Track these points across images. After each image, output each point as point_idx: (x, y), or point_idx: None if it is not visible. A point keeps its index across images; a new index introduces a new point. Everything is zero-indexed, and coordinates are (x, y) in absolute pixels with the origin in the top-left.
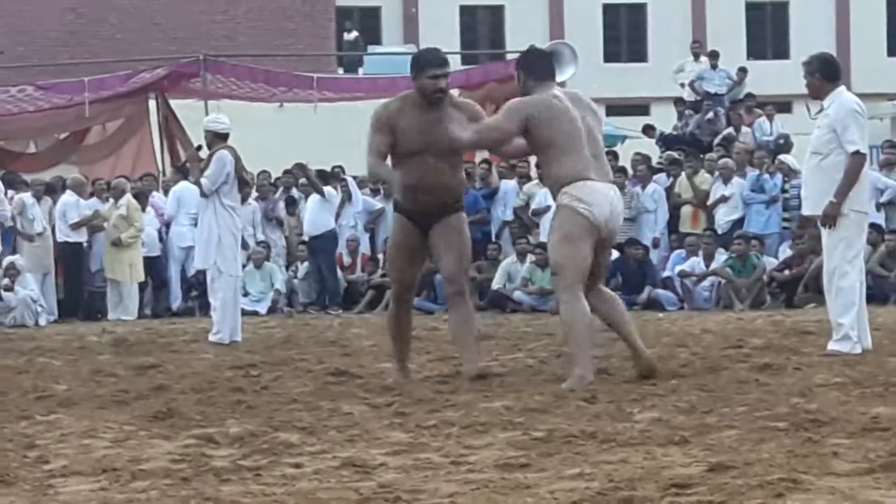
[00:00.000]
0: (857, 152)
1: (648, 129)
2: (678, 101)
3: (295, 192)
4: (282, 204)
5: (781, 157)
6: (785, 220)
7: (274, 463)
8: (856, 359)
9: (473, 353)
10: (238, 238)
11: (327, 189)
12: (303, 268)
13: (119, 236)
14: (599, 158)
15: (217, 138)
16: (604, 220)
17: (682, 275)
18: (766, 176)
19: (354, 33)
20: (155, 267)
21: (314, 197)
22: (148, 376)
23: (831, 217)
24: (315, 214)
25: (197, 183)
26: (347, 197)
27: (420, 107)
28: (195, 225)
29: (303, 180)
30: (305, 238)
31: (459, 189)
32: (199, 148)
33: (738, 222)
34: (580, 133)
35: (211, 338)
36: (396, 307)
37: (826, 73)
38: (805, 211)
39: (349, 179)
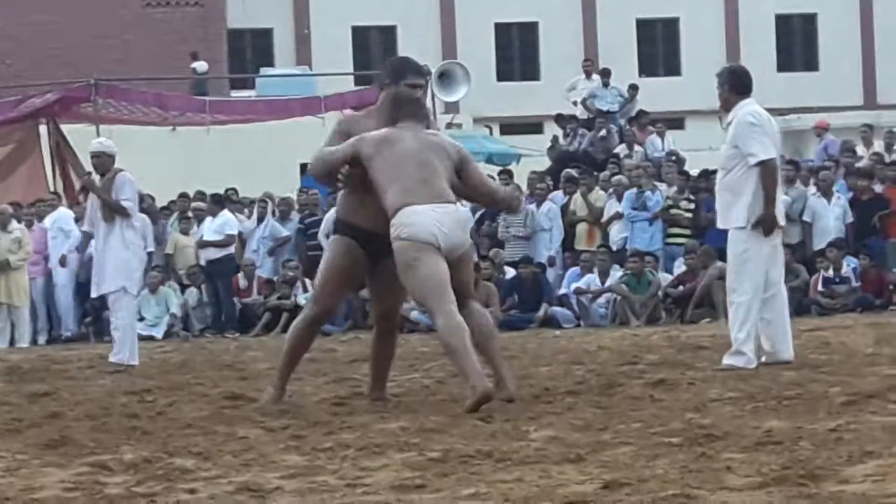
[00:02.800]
0: (761, 162)
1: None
2: (559, 118)
3: (189, 213)
4: (170, 228)
5: None
6: (680, 235)
7: (169, 489)
8: (750, 373)
9: (387, 378)
10: (143, 259)
11: (224, 213)
12: (196, 292)
13: (7, 259)
14: (429, 182)
15: (112, 161)
16: (429, 235)
17: (578, 292)
18: (648, 193)
19: (204, 64)
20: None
21: (210, 221)
22: (41, 404)
23: (768, 226)
24: (212, 239)
25: (112, 205)
26: (259, 219)
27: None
28: (77, 250)
29: (197, 203)
30: (202, 262)
31: None
32: (90, 174)
33: None
34: (406, 163)
35: (112, 358)
36: (310, 328)
37: (734, 86)
38: (718, 225)
39: (269, 203)
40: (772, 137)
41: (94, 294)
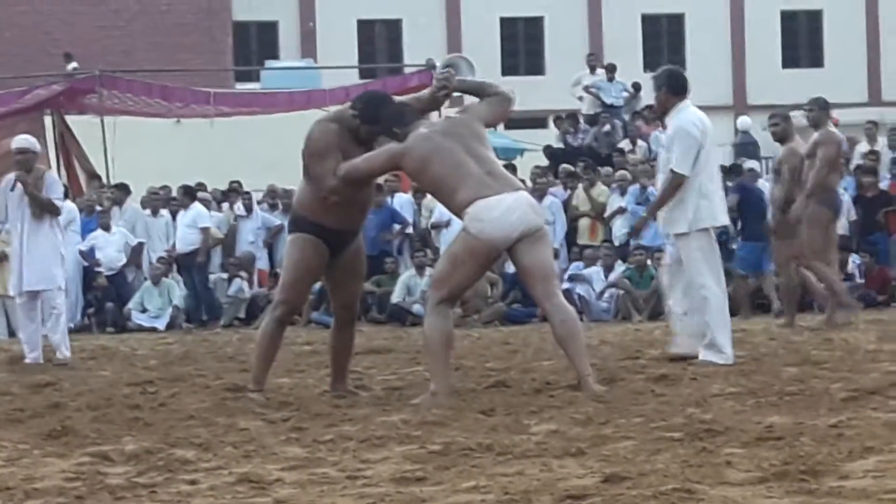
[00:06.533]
0: (676, 172)
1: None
2: (557, 119)
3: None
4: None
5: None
6: None
7: (169, 480)
8: (752, 368)
9: (347, 371)
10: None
11: (196, 206)
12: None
13: (4, 251)
14: (493, 173)
15: (37, 158)
16: (502, 232)
17: (573, 278)
18: (652, 188)
19: (74, 64)
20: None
21: (183, 213)
22: (44, 394)
23: (637, 229)
24: (184, 231)
25: (44, 204)
26: (246, 212)
27: (355, 127)
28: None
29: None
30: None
31: None
32: (23, 171)
33: None
34: (463, 161)
35: (60, 356)
36: (280, 328)
37: (671, 87)
38: (663, 230)
39: (251, 195)
40: (711, 139)
41: (28, 288)
